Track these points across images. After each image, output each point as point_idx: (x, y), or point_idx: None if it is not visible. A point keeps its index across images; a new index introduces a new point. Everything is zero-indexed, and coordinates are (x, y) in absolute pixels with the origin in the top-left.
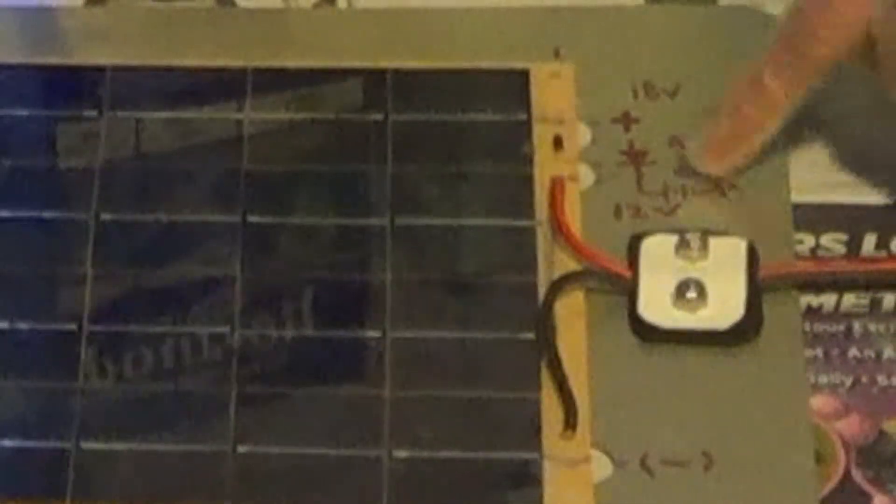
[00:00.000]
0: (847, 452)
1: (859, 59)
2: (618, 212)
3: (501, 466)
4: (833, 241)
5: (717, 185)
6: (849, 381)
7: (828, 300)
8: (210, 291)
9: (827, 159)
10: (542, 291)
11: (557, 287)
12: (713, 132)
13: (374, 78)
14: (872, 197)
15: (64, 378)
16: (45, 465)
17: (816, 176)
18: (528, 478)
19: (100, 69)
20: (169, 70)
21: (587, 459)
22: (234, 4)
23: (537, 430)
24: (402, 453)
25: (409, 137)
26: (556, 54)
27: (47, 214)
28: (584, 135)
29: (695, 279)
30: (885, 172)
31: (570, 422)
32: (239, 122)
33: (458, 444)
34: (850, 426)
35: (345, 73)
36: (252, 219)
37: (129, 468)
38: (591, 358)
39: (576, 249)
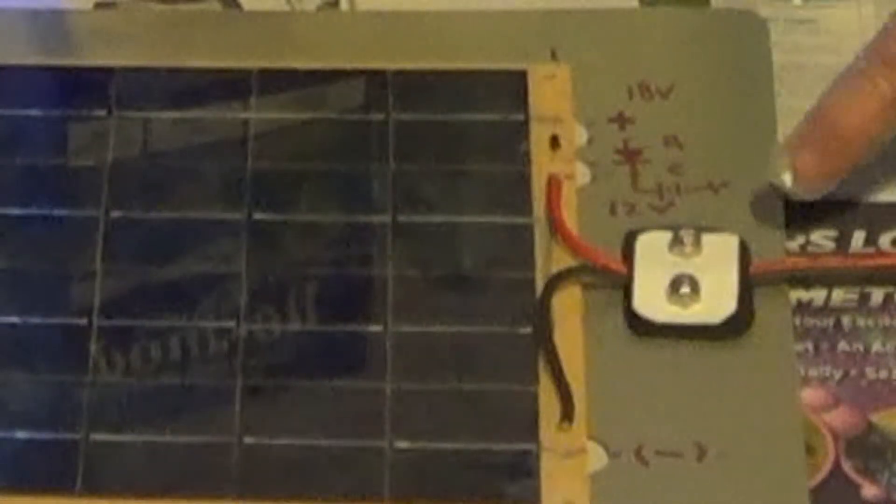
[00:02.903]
0: (836, 444)
1: None
2: (613, 209)
3: (499, 457)
4: (823, 238)
5: (710, 183)
6: (838, 374)
7: (817, 295)
8: (216, 287)
9: None
10: (539, 287)
11: (554, 282)
12: (808, 151)
13: (376, 79)
14: (861, 194)
15: (74, 371)
16: (55, 456)
17: None
18: (525, 468)
19: (109, 70)
20: (176, 71)
21: (583, 450)
22: (239, 7)
23: (534, 421)
24: (403, 444)
25: (409, 137)
26: (553, 56)
27: (58, 212)
28: (580, 134)
29: (688, 275)
30: (875, 170)
31: (567, 414)
32: (244, 122)
33: (458, 435)
34: (840, 418)
35: (347, 74)
36: (257, 216)
37: (137, 459)
38: (587, 351)
39: (572, 246)
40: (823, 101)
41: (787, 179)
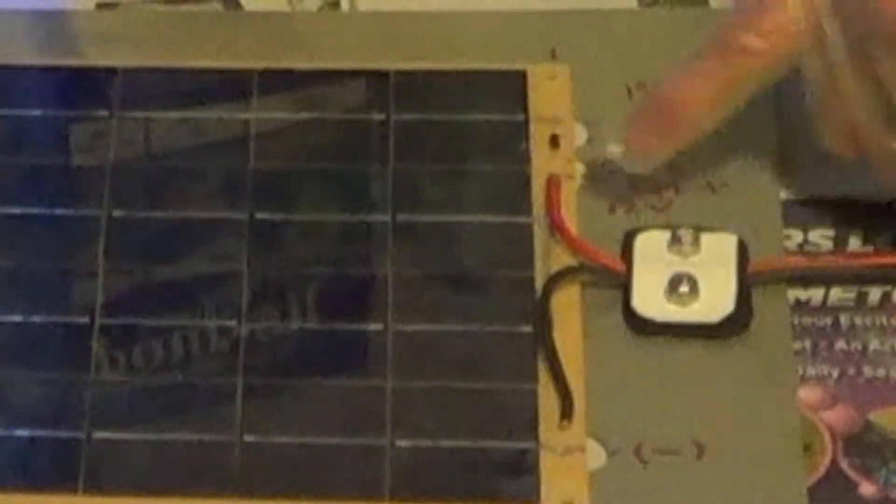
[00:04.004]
0: (834, 442)
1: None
2: (612, 208)
3: (499, 455)
4: (820, 237)
5: (709, 183)
6: (836, 373)
7: (815, 294)
8: (218, 286)
9: (815, 157)
10: (539, 286)
11: (554, 281)
12: (641, 130)
13: (377, 79)
14: (859, 194)
15: (76, 369)
16: (57, 454)
17: (804, 173)
18: (524, 466)
19: (111, 70)
20: (178, 71)
21: (582, 448)
22: (240, 8)
23: (534, 420)
24: (403, 442)
25: (410, 136)
26: (553, 56)
27: (60, 211)
28: (580, 134)
29: (687, 274)
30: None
31: (566, 412)
32: (246, 122)
33: (458, 433)
34: (837, 416)
35: (348, 75)
36: (258, 216)
37: (139, 457)
38: (587, 350)
39: (571, 245)
40: (662, 81)
41: (616, 151)
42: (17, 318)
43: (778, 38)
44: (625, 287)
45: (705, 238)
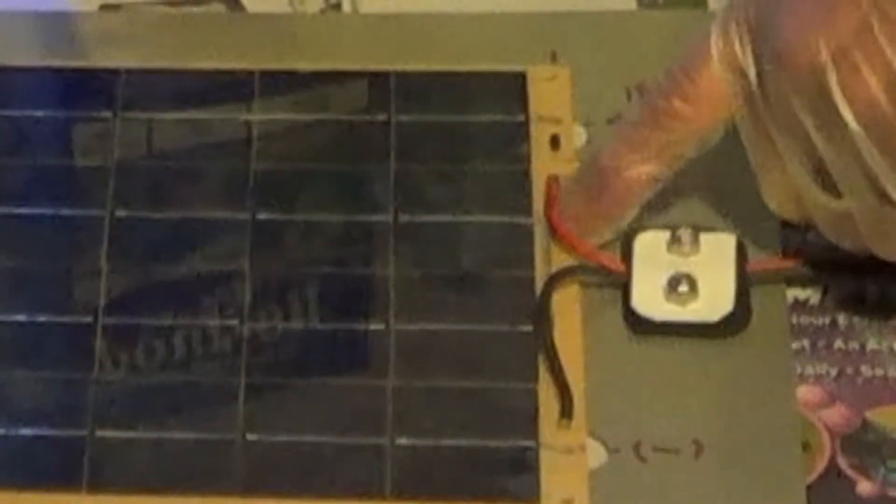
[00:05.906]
0: (832, 440)
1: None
2: None
3: (500, 454)
4: (819, 237)
5: (708, 183)
6: (834, 372)
7: (814, 293)
8: (220, 285)
9: None
10: (539, 285)
11: (554, 281)
12: (578, 200)
13: (378, 80)
14: None
15: (79, 368)
16: (60, 452)
17: None
18: (525, 465)
19: (114, 72)
20: (180, 73)
21: (582, 447)
22: (243, 10)
23: (534, 418)
24: (404, 441)
25: (411, 137)
26: (553, 58)
27: (64, 211)
28: (579, 135)
29: (686, 273)
30: None
31: (566, 411)
32: (248, 123)
33: (459, 432)
34: (836, 415)
35: (350, 76)
36: (260, 216)
37: (142, 455)
38: (587, 349)
39: (571, 245)
40: (600, 151)
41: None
42: (21, 317)
43: (706, 103)
44: (624, 287)
45: (704, 238)
